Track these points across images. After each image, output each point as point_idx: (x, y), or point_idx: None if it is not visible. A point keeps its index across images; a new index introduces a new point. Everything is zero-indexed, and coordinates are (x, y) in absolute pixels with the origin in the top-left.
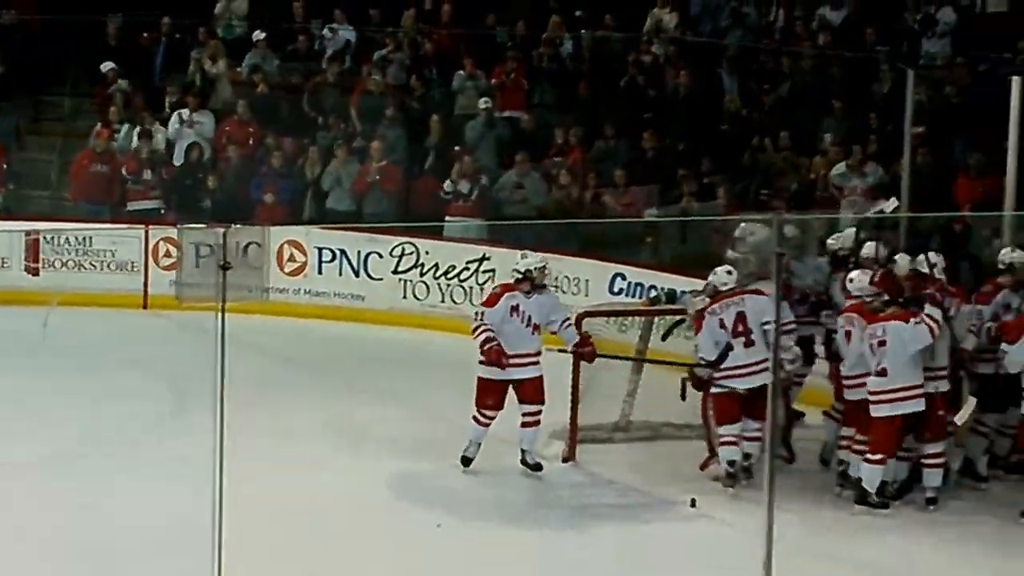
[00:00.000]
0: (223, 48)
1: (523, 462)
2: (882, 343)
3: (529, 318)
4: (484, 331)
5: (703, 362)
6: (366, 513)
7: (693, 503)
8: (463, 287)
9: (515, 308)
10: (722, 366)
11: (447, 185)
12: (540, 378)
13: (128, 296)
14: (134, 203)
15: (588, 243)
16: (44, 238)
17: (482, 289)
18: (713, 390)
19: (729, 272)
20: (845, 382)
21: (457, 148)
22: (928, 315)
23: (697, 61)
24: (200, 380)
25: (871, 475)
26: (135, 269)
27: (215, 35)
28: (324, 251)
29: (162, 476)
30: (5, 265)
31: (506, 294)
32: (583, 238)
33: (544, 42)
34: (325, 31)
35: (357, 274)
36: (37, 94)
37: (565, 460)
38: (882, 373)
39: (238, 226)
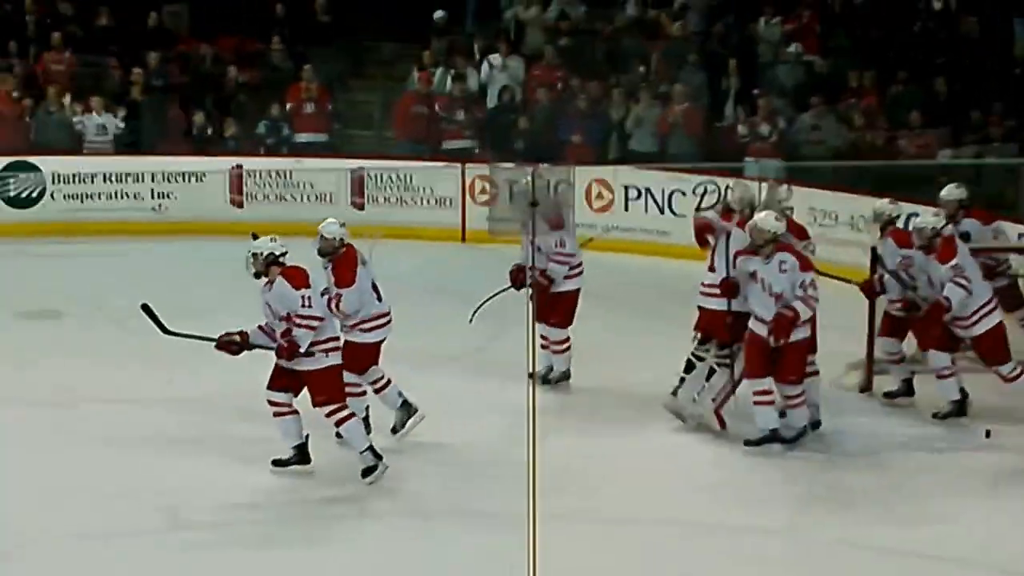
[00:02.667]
0: None
1: None
2: None
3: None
4: None
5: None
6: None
7: (988, 434)
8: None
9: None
10: None
11: (742, 128)
12: None
13: (446, 230)
14: (450, 142)
15: (882, 184)
16: (368, 175)
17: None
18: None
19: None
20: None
21: (755, 91)
22: None
23: (989, 6)
24: (516, 307)
25: None
26: (452, 205)
27: None
28: (630, 189)
29: (492, 389)
30: (332, 200)
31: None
32: (877, 179)
33: None
34: None
35: (662, 211)
36: (360, 40)
37: (862, 390)
38: None
39: (547, 166)
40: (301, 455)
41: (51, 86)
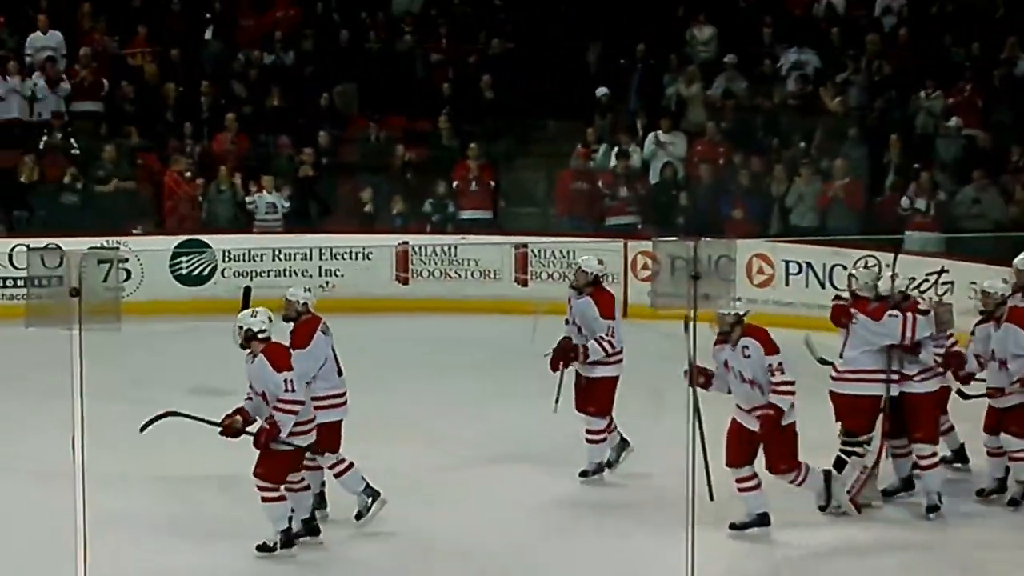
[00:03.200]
0: (698, 73)
1: None
2: None
3: None
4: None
5: None
6: None
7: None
8: (922, 298)
9: None
10: None
11: (904, 201)
12: None
13: None
14: (612, 218)
15: None
16: (532, 251)
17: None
18: None
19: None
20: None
21: (916, 165)
22: None
23: None
24: (675, 382)
25: None
26: (615, 280)
27: (686, 60)
28: (791, 264)
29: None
30: (496, 276)
31: None
32: None
33: (1000, 62)
34: (789, 54)
35: (823, 286)
36: (524, 118)
37: None
38: None
39: (708, 239)
40: (287, 538)
41: (223, 166)
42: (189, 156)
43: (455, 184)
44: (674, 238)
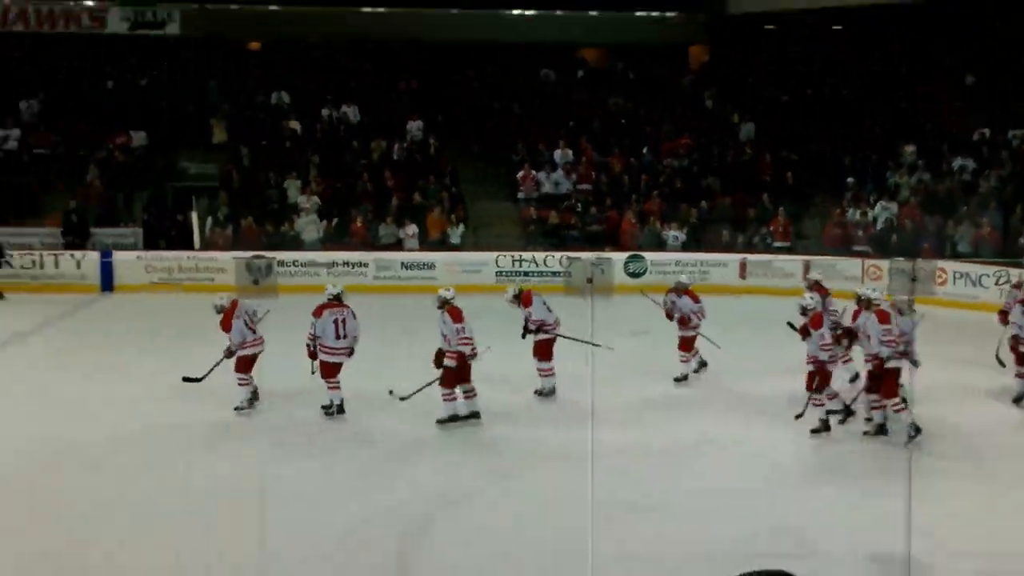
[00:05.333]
0: (906, 170)
1: None
2: None
3: None
4: None
5: None
6: None
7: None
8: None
9: None
10: None
11: None
12: None
13: (851, 294)
14: (856, 247)
15: None
16: (811, 264)
17: None
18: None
19: None
20: None
21: None
22: None
23: None
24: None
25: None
26: (855, 280)
27: (898, 163)
28: (956, 272)
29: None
30: (792, 276)
31: None
32: None
33: None
34: (958, 160)
35: (974, 285)
36: (808, 195)
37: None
38: None
39: (920, 260)
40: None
41: (651, 216)
42: (633, 211)
43: (771, 228)
44: (901, 258)
